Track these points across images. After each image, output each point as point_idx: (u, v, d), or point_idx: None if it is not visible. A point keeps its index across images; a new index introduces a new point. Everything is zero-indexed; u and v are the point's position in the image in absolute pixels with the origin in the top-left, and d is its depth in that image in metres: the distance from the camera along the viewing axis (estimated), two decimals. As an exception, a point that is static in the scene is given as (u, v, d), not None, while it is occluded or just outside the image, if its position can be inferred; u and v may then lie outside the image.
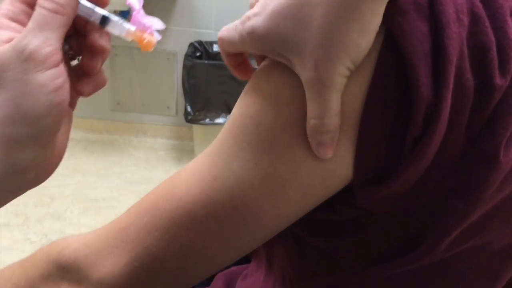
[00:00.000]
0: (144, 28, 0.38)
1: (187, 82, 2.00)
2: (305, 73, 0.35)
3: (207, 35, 2.16)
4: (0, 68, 0.32)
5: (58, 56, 0.33)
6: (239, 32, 0.38)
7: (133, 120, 2.34)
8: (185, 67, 2.01)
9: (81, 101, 0.40)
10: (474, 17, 0.36)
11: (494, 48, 0.35)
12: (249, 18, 0.37)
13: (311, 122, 0.36)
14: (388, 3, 0.34)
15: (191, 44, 2.11)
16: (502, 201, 0.39)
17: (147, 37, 0.38)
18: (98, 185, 1.99)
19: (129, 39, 0.38)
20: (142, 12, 0.37)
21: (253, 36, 0.37)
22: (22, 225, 1.74)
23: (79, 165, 2.12)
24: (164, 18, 2.15)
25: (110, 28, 0.37)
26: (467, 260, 0.41)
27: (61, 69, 0.34)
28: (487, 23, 0.36)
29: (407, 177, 0.36)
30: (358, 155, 0.37)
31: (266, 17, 0.36)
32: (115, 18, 0.37)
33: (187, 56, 2.02)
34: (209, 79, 1.97)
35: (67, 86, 0.34)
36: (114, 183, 2.02)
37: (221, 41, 0.41)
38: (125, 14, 2.04)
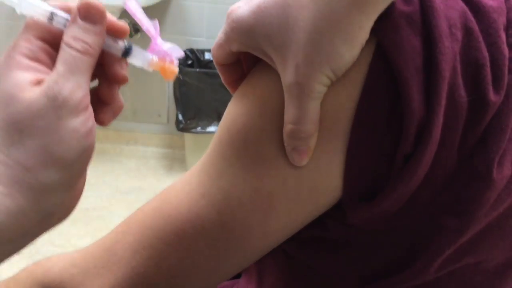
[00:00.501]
0: (164, 57, 0.37)
1: (178, 90, 2.00)
2: (285, 76, 0.34)
3: (198, 43, 2.16)
4: (32, 117, 0.31)
5: (88, 98, 0.32)
6: (224, 31, 0.38)
7: (124, 128, 2.33)
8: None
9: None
10: (467, 32, 0.35)
11: (488, 64, 0.35)
12: (233, 10, 0.36)
13: (287, 126, 0.35)
14: (380, 16, 0.33)
15: (182, 52, 2.11)
16: (496, 219, 0.38)
17: (168, 66, 0.37)
18: (89, 194, 1.97)
19: (151, 69, 0.37)
20: (160, 38, 0.36)
21: (238, 29, 0.36)
22: (10, 235, 1.71)
23: (69, 174, 2.10)
24: (155, 26, 2.15)
25: (132, 59, 0.36)
26: (461, 279, 0.41)
27: (90, 110, 0.33)
28: (481, 38, 0.35)
29: (397, 194, 0.35)
30: (347, 169, 0.36)
31: (251, 11, 0.35)
32: (136, 48, 0.36)
33: (178, 64, 2.02)
34: (200, 87, 1.96)
35: (95, 127, 0.33)
36: (105, 192, 2.01)
37: (212, 51, 0.40)
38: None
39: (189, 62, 2.11)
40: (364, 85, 0.35)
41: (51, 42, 0.34)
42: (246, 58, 0.40)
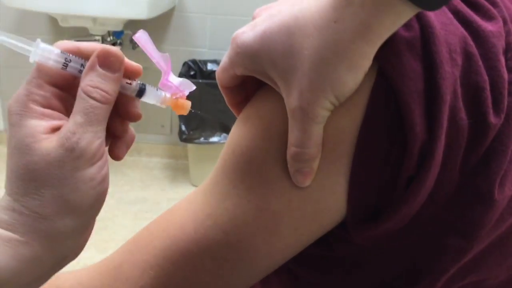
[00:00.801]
0: (176, 92, 0.37)
1: (181, 101, 2.00)
2: (289, 101, 0.35)
3: (201, 53, 2.17)
4: (48, 167, 0.31)
5: (104, 146, 0.33)
6: (228, 55, 0.38)
7: (128, 139, 2.33)
8: (179, 86, 2.02)
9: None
10: (467, 56, 0.36)
11: (488, 87, 0.35)
12: (238, 36, 0.37)
13: (291, 149, 0.36)
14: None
15: (185, 63, 2.12)
16: (498, 237, 0.39)
17: (181, 101, 0.37)
18: (92, 206, 1.98)
19: (164, 106, 0.37)
20: (171, 74, 0.37)
21: (243, 54, 0.37)
22: (15, 247, 1.71)
23: (73, 186, 2.10)
24: (158, 37, 2.16)
25: (145, 98, 0.36)
26: None
27: (105, 157, 0.33)
28: (480, 62, 0.36)
29: (401, 215, 0.36)
30: (351, 190, 0.36)
31: (256, 37, 0.36)
32: (150, 87, 0.36)
33: (181, 75, 2.03)
34: (203, 98, 1.97)
35: (108, 172, 0.34)
36: (108, 203, 1.99)
37: (216, 75, 0.41)
38: (119, 35, 2.05)
39: (192, 73, 2.12)
40: (366, 109, 0.35)
41: (63, 86, 0.34)
42: (250, 81, 0.41)
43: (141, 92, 0.36)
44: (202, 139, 2.02)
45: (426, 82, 0.35)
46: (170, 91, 0.37)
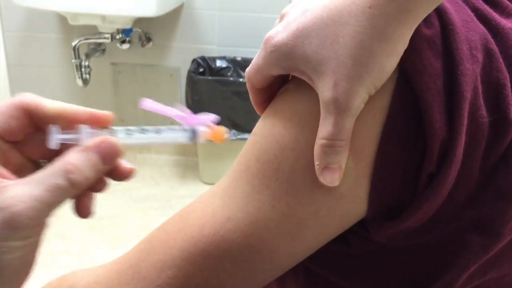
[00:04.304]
0: (207, 124, 0.37)
1: (190, 98, 2.01)
2: (324, 93, 0.34)
3: (210, 51, 2.17)
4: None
5: (46, 223, 0.31)
6: (261, 55, 0.38)
7: (137, 137, 2.34)
8: (188, 83, 2.02)
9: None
10: (488, 53, 0.36)
11: (508, 84, 0.35)
12: (271, 37, 0.36)
13: (319, 142, 0.35)
14: None
15: (194, 60, 2.12)
16: None
17: (217, 129, 0.38)
18: (103, 203, 1.99)
19: (203, 141, 0.38)
20: (192, 114, 0.37)
21: (276, 54, 0.36)
22: (27, 244, 1.73)
23: (84, 183, 2.11)
24: (167, 34, 2.16)
25: (196, 140, 0.37)
26: None
27: (39, 239, 0.31)
28: (501, 59, 0.36)
29: (421, 213, 0.36)
30: (372, 190, 0.36)
31: (289, 35, 0.35)
32: (198, 128, 0.37)
33: (190, 72, 2.03)
34: (212, 95, 1.97)
35: (39, 248, 0.31)
36: (119, 201, 2.02)
37: (248, 76, 0.40)
38: (128, 32, 2.06)
39: (201, 70, 2.12)
40: (389, 108, 0.35)
41: (7, 136, 0.32)
42: (277, 80, 0.40)
43: (194, 135, 0.37)
44: (211, 136, 2.02)
45: (446, 79, 0.34)
46: (202, 123, 0.37)
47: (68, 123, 0.34)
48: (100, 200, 0.37)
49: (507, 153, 0.36)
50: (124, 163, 0.35)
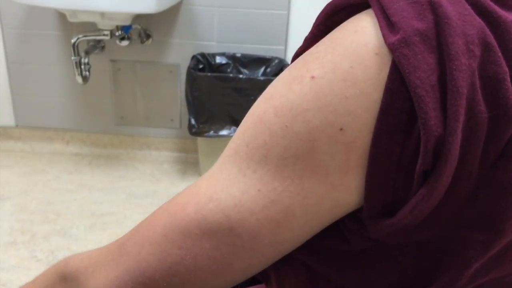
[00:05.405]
0: None
1: (190, 94, 2.00)
2: None
3: (209, 47, 2.17)
4: None
5: None
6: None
7: (137, 133, 2.34)
8: (188, 79, 2.02)
9: (85, 115, 0.40)
10: (486, 47, 0.35)
11: (508, 78, 0.34)
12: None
13: None
14: (394, 33, 0.34)
15: (193, 57, 2.11)
16: None
17: None
18: (104, 200, 1.99)
19: None
20: None
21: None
22: (28, 242, 1.73)
23: (84, 180, 2.12)
24: (166, 31, 2.16)
25: None
26: None
27: None
28: (500, 53, 0.35)
29: (418, 210, 0.35)
30: (367, 185, 0.36)
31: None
32: None
33: (189, 69, 2.03)
34: (212, 91, 1.97)
35: None
36: (120, 198, 2.02)
37: None
38: (128, 29, 2.05)
39: (200, 66, 2.11)
40: (381, 103, 0.35)
41: None
42: None
43: None
44: (211, 132, 2.02)
45: (441, 74, 0.34)
46: None
47: None
48: (101, 197, 0.38)
49: (507, 148, 0.35)
50: None
